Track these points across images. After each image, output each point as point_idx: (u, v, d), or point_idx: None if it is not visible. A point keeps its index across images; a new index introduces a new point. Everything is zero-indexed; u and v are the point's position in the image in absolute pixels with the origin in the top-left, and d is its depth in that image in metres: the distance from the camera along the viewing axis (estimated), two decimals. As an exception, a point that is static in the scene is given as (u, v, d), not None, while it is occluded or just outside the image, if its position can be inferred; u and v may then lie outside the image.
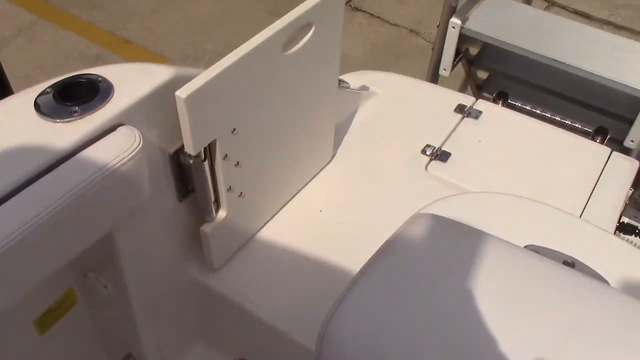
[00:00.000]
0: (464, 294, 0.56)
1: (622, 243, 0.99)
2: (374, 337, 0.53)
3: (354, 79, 1.58)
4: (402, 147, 1.46)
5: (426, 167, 1.41)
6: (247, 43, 1.03)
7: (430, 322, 0.54)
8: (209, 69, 0.98)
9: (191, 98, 0.94)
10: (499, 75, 1.83)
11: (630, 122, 1.58)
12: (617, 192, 1.31)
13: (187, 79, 0.97)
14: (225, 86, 1.01)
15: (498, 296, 0.56)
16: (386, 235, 1.25)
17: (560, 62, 1.62)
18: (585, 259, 0.88)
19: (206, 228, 1.17)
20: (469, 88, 2.00)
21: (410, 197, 1.35)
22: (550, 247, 0.88)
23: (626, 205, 1.37)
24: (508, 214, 1.02)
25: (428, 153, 1.44)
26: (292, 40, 1.12)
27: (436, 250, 0.60)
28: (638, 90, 1.53)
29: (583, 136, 1.49)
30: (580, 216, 1.26)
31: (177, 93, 0.94)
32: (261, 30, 1.05)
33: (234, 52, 1.01)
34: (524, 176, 1.37)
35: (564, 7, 3.32)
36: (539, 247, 0.87)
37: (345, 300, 0.57)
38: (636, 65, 1.58)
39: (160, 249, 1.18)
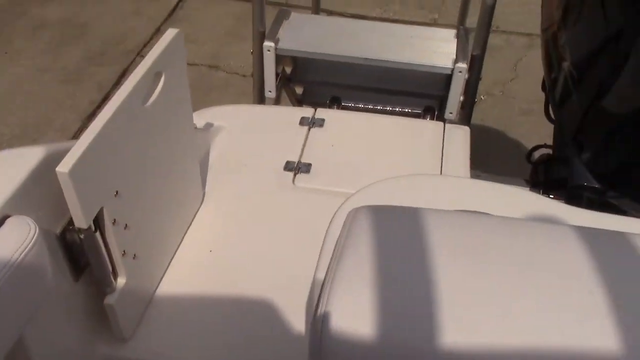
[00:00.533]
0: (436, 261, 0.62)
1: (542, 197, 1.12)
2: (374, 325, 0.57)
3: (198, 118, 1.60)
4: (265, 170, 1.51)
5: (293, 182, 1.48)
6: (110, 103, 1.02)
7: (418, 294, 0.60)
8: (82, 137, 0.96)
9: (74, 171, 0.92)
10: (324, 84, 1.96)
11: (446, 98, 1.78)
12: (461, 156, 1.48)
13: (59, 154, 0.93)
14: (102, 150, 0.99)
15: (467, 256, 0.63)
16: (282, 255, 1.29)
17: (368, 58, 1.77)
18: (505, 213, 0.98)
19: (110, 300, 1.12)
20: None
21: (288, 213, 1.40)
22: (480, 209, 0.98)
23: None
24: (425, 190, 1.11)
25: (291, 169, 1.51)
26: (148, 92, 1.13)
27: (394, 234, 0.66)
28: (441, 68, 1.73)
29: (416, 117, 1.66)
30: None
31: (58, 169, 0.90)
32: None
33: (101, 114, 1.00)
34: (382, 164, 1.49)
35: (341, 14, 3.59)
36: (474, 211, 0.97)
37: (332, 301, 0.60)
38: (436, 48, 1.78)
39: (67, 336, 1.11)
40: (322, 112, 1.66)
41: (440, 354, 0.55)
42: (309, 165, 1.51)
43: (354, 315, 0.58)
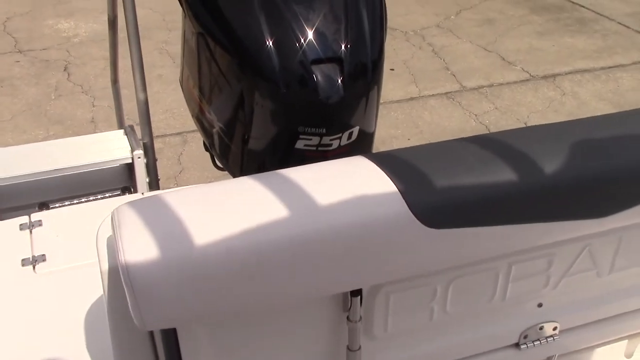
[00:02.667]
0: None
1: None
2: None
3: None
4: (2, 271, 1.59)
5: (34, 271, 1.57)
6: None
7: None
8: None
9: None
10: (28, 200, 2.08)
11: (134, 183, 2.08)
12: None
13: None
14: None
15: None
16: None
17: (59, 168, 1.97)
18: None
19: None
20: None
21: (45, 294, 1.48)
22: None
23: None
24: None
25: (27, 264, 1.60)
26: None
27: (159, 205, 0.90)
28: (124, 159, 2.01)
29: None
30: None
31: None
32: None
33: None
34: None
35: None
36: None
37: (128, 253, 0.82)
38: (114, 145, 2.05)
39: None
40: (36, 216, 1.80)
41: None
42: (43, 255, 1.63)
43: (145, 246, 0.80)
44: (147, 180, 1.97)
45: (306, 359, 1.00)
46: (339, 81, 1.49)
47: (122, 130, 2.08)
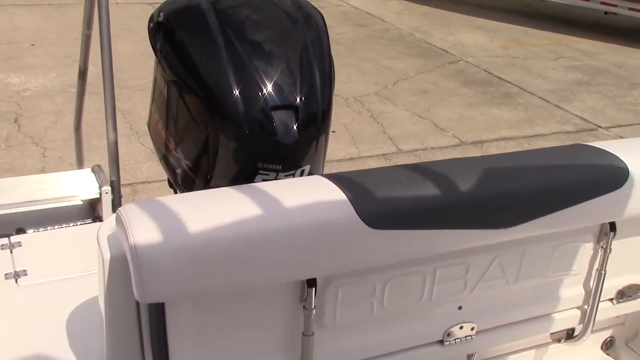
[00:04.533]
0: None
1: None
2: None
3: None
4: None
5: (17, 283, 1.68)
6: None
7: None
8: None
9: None
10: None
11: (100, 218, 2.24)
12: None
13: None
14: None
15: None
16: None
17: (15, 203, 2.10)
18: None
19: None
20: None
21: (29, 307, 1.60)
22: None
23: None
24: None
25: (9, 277, 1.71)
26: None
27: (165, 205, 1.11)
28: (92, 194, 2.17)
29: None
30: None
31: None
32: None
33: None
34: None
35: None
36: None
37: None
38: (82, 183, 2.21)
39: None
40: (15, 238, 1.92)
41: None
42: (25, 270, 1.75)
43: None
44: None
45: (269, 339, 1.20)
46: (294, 126, 1.74)
47: (88, 169, 2.25)
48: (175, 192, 2.09)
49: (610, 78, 7.22)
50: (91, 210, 2.19)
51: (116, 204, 2.15)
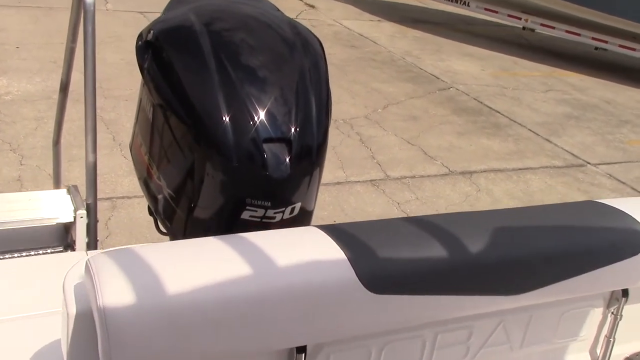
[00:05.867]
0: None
1: None
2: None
3: None
4: None
5: None
6: None
7: None
8: None
9: None
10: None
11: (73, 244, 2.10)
12: None
13: None
14: None
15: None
16: None
17: None
18: None
19: None
20: None
21: None
22: None
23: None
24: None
25: None
26: None
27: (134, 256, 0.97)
28: (65, 217, 2.04)
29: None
30: None
31: None
32: None
33: None
34: None
35: None
36: None
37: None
38: (57, 204, 2.08)
39: None
40: None
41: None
42: None
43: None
44: (87, 240, 2.01)
45: None
46: (287, 160, 1.62)
47: (64, 190, 2.12)
48: (156, 221, 1.96)
49: (599, 114, 7.21)
50: (64, 235, 2.05)
51: (92, 229, 2.02)
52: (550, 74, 8.61)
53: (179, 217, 1.76)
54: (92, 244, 2.02)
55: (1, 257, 1.86)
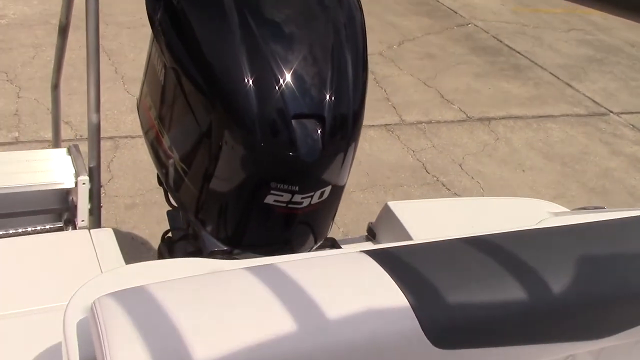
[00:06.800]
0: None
1: None
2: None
3: None
4: None
5: None
6: None
7: None
8: None
9: None
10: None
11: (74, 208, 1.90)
12: (114, 255, 1.61)
13: None
14: None
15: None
16: None
17: None
18: None
19: None
20: None
21: None
22: None
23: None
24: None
25: None
26: None
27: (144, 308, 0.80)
28: (65, 183, 1.84)
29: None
30: None
31: None
32: None
33: None
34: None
35: None
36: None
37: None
38: (54, 167, 1.87)
39: None
40: None
41: None
42: None
43: None
44: (89, 207, 1.82)
45: None
46: (319, 136, 1.41)
47: (64, 150, 1.91)
48: (166, 192, 1.77)
49: (623, 57, 6.89)
50: (64, 199, 1.86)
51: (94, 197, 1.83)
52: (572, 10, 8.21)
53: (192, 193, 1.56)
54: (94, 213, 1.83)
55: None
